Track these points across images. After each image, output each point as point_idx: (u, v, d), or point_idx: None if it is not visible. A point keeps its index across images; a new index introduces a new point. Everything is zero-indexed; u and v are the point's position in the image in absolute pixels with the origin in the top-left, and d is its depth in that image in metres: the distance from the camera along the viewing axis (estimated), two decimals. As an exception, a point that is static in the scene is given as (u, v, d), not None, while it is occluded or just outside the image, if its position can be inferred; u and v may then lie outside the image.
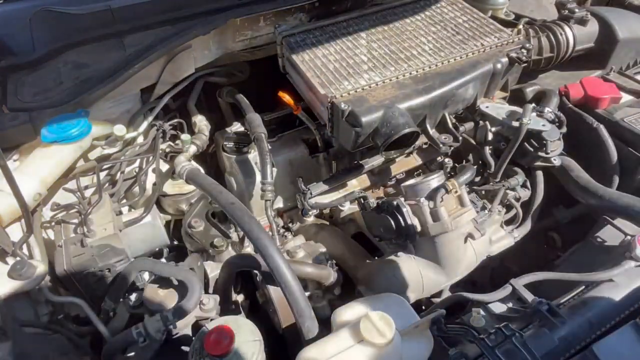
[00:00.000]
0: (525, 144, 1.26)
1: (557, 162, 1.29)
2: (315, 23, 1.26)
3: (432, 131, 1.19)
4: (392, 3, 1.35)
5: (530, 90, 1.49)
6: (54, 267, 1.04)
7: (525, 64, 1.17)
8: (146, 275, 1.06)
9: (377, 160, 1.33)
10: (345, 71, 1.11)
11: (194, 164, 1.23)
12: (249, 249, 1.27)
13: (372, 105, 1.02)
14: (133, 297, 1.00)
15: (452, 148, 1.21)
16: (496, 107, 1.25)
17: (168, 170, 1.38)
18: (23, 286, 0.94)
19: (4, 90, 1.14)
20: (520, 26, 1.50)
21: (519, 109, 1.25)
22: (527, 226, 1.38)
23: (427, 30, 1.24)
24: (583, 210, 1.39)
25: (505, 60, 1.12)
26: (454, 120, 1.23)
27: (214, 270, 1.17)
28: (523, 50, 1.13)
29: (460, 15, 1.29)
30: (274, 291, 1.02)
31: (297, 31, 1.22)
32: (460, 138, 1.16)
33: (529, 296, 1.00)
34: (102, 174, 1.23)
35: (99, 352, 0.96)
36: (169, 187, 1.37)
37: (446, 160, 1.37)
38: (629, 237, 1.12)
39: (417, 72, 1.11)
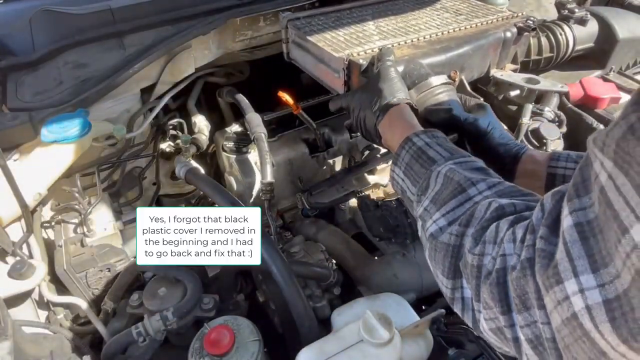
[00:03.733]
0: (525, 142, 1.27)
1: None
2: (319, 9, 1.26)
3: None
4: None
5: (530, 90, 1.49)
6: (54, 267, 1.04)
7: (534, 32, 1.18)
8: (146, 275, 1.06)
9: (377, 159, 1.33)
10: (357, 41, 1.09)
11: (194, 163, 1.23)
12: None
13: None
14: (133, 297, 1.00)
15: None
16: (510, 75, 1.25)
17: (168, 170, 1.38)
18: (23, 286, 0.94)
19: (4, 90, 1.14)
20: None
21: (533, 76, 1.24)
22: (527, 226, 1.37)
23: (430, 13, 1.25)
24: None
25: (514, 29, 1.13)
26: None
27: (214, 270, 1.17)
28: (529, 21, 1.13)
29: (459, 3, 1.30)
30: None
31: (302, 15, 1.21)
32: (482, 100, 1.16)
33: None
34: (102, 174, 1.23)
35: (99, 352, 0.96)
36: (169, 187, 1.37)
37: None
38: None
39: (430, 37, 1.11)
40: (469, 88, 1.17)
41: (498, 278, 0.48)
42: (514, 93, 1.25)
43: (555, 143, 1.27)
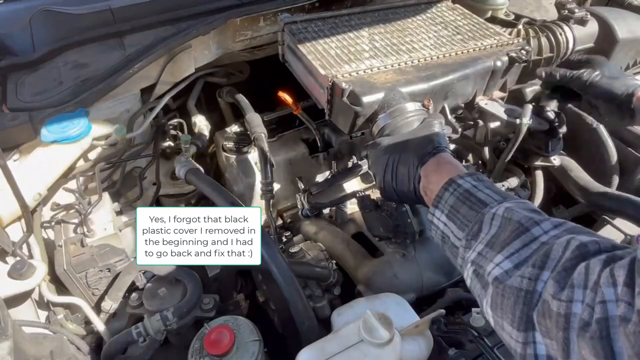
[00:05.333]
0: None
1: (556, 162, 1.29)
2: (318, 13, 1.26)
3: None
4: (393, 3, 1.35)
5: (530, 90, 1.49)
6: (54, 267, 1.04)
7: (525, 64, 1.18)
8: (146, 275, 1.06)
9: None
10: (347, 57, 1.10)
11: (194, 163, 1.23)
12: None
13: (374, 87, 1.01)
14: (133, 297, 1.00)
15: (450, 140, 1.20)
16: (495, 104, 1.26)
17: (168, 170, 1.38)
18: (23, 286, 0.94)
19: (4, 90, 1.14)
20: (520, 26, 1.50)
21: (517, 107, 1.25)
22: (527, 226, 1.37)
23: (428, 28, 1.24)
24: (583, 210, 1.39)
25: (505, 59, 1.13)
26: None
27: (214, 270, 1.17)
28: (523, 51, 1.13)
29: (460, 19, 1.30)
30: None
31: (299, 19, 1.22)
32: (460, 130, 1.16)
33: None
34: (102, 174, 1.23)
35: (99, 352, 0.96)
36: (169, 187, 1.37)
37: None
38: (629, 237, 1.13)
39: (418, 61, 1.11)
40: (449, 116, 1.17)
41: (601, 330, 0.41)
42: (494, 125, 1.26)
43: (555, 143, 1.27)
